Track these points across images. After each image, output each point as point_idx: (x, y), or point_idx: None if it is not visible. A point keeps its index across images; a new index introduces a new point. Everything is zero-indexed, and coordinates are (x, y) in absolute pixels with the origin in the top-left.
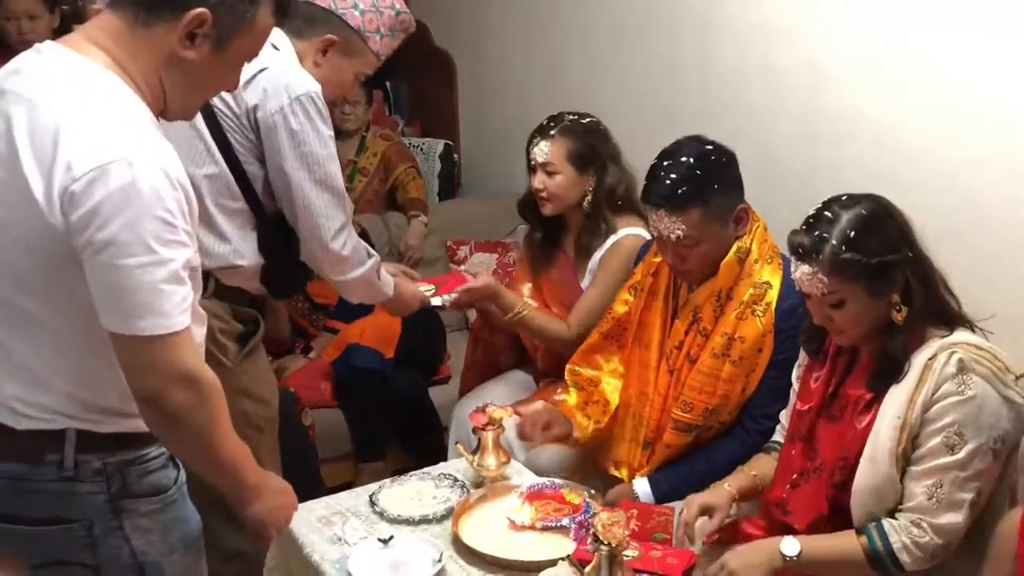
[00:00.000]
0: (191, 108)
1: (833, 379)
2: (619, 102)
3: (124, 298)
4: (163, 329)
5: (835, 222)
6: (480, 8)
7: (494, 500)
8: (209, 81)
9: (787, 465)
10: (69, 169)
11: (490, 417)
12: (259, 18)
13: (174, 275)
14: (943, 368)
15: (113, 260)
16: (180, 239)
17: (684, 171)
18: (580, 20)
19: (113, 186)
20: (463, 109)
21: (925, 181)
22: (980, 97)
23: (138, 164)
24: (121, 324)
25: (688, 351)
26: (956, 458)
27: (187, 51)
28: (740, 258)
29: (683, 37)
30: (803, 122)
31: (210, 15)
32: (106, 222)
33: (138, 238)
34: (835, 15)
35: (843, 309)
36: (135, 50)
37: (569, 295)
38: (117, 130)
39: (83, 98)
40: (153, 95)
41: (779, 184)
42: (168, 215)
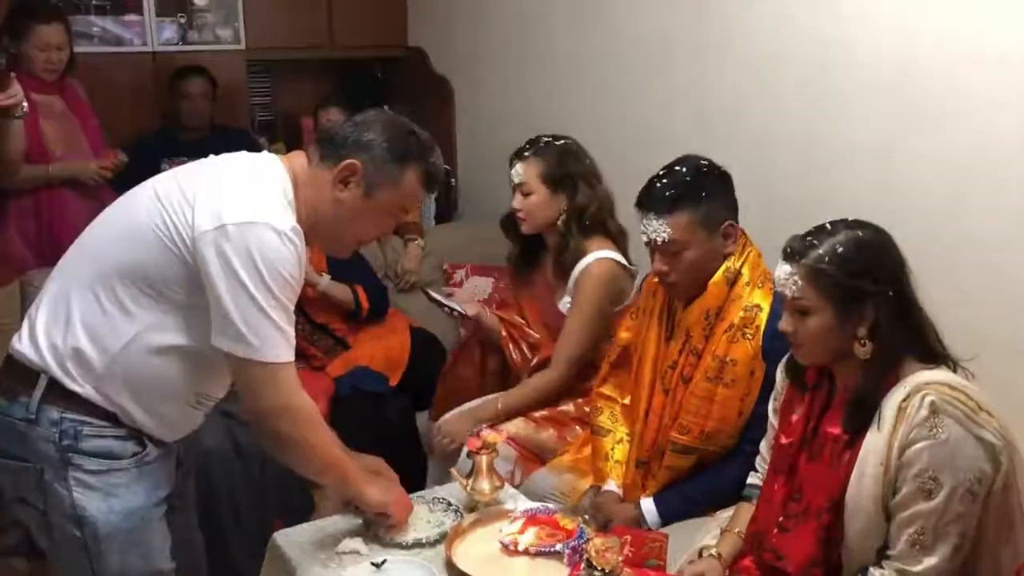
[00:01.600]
0: (339, 241)
1: (812, 415)
2: (615, 128)
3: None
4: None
5: (830, 236)
6: (478, 35)
7: (488, 525)
8: (357, 223)
9: (769, 498)
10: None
11: (484, 441)
12: (405, 181)
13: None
14: (916, 412)
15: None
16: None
17: (676, 179)
18: (576, 46)
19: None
20: (460, 133)
21: (920, 210)
22: (977, 128)
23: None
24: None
25: (682, 371)
26: (934, 504)
27: (340, 192)
28: (728, 279)
29: (679, 63)
30: (799, 149)
31: (360, 167)
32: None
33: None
34: (832, 42)
35: (807, 320)
36: (309, 182)
37: (547, 316)
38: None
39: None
40: (306, 221)
41: (774, 210)
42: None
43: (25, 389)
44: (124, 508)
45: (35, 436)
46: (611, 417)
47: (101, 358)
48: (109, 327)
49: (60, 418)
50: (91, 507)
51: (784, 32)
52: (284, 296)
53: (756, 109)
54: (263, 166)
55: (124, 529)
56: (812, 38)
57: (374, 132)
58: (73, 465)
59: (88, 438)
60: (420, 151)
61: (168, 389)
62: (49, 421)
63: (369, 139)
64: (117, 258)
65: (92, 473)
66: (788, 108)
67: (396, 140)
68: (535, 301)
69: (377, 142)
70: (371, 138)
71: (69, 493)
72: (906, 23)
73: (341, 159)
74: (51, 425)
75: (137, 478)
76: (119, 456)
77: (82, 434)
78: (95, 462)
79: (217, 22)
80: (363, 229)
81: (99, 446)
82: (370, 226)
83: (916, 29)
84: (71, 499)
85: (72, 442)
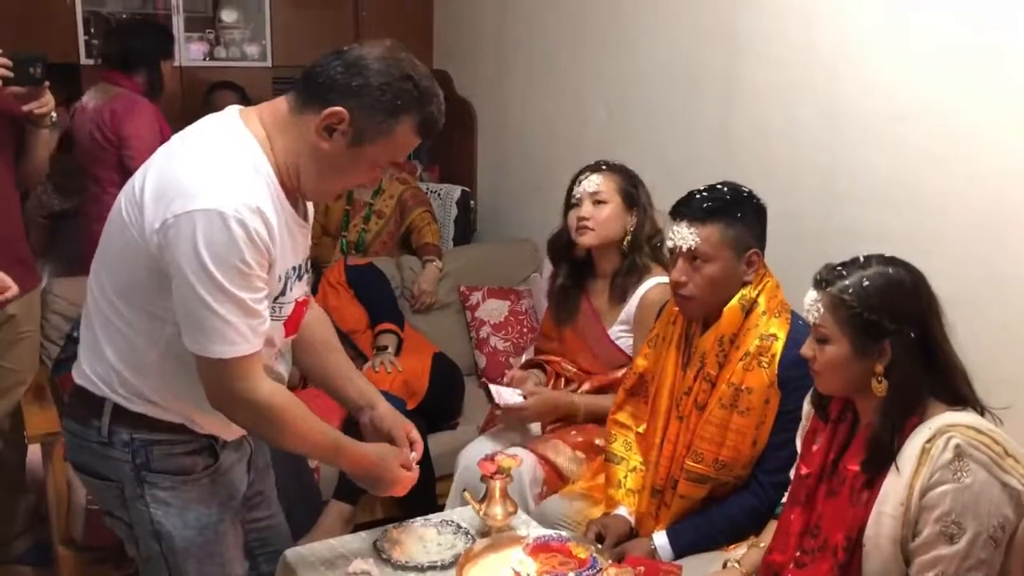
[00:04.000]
0: (324, 193)
1: (833, 449)
2: (638, 155)
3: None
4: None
5: (860, 269)
6: (501, 59)
7: (500, 551)
8: (340, 174)
9: (785, 529)
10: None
11: (499, 466)
12: (398, 132)
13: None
14: (940, 454)
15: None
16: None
17: (716, 195)
18: (600, 72)
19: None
20: (482, 156)
21: (947, 245)
22: (1005, 160)
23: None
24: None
25: (696, 397)
26: (956, 548)
27: (324, 142)
28: (744, 306)
29: (703, 91)
30: (823, 181)
31: (347, 115)
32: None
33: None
34: (855, 74)
35: (826, 348)
36: (286, 130)
37: (596, 344)
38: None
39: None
40: (287, 172)
41: (797, 242)
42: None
43: (95, 414)
44: (199, 522)
45: (111, 457)
46: (624, 445)
47: (141, 378)
48: (132, 348)
49: (131, 439)
50: (168, 522)
51: (809, 64)
52: (235, 286)
53: (780, 140)
54: (218, 134)
55: (200, 543)
56: (836, 69)
57: (365, 76)
58: (148, 483)
59: (160, 457)
60: (417, 99)
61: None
62: (122, 443)
63: (359, 84)
64: (113, 280)
65: (166, 490)
66: (813, 139)
67: (390, 87)
68: (578, 330)
69: (368, 88)
70: (361, 83)
71: (147, 509)
72: (925, 56)
73: (326, 105)
74: (124, 446)
75: (211, 490)
76: (191, 471)
77: (153, 453)
78: (168, 479)
79: (244, 39)
80: (348, 180)
81: (171, 464)
82: (355, 177)
83: (935, 62)
84: (149, 515)
85: (144, 461)
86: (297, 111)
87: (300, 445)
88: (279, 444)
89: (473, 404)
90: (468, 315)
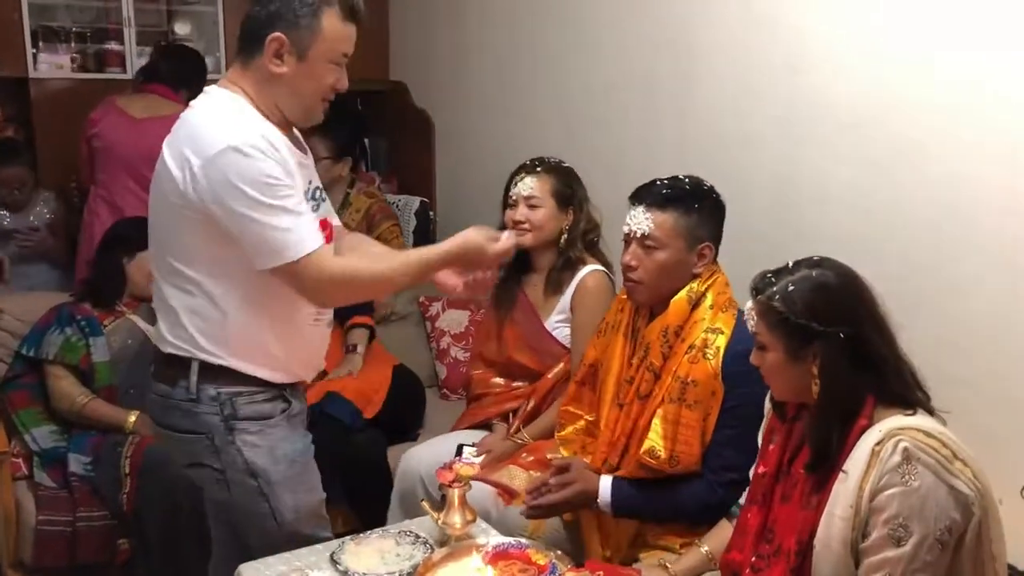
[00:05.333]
0: (308, 111)
1: (788, 450)
2: (594, 163)
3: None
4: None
5: (790, 274)
6: (459, 69)
7: (459, 559)
8: (310, 87)
9: (743, 528)
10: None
11: (457, 474)
12: (326, 26)
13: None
14: (889, 457)
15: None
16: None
17: (677, 184)
18: (557, 81)
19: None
20: (440, 167)
21: (897, 250)
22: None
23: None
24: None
25: (638, 387)
26: (903, 551)
27: (278, 68)
28: (691, 299)
29: (660, 100)
30: (776, 187)
31: (284, 35)
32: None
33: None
34: (810, 84)
35: (765, 354)
36: (251, 82)
37: (533, 338)
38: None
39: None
40: (271, 112)
41: (751, 248)
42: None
43: (183, 374)
44: (287, 457)
45: (200, 412)
46: (575, 431)
47: (218, 335)
48: (204, 310)
49: (217, 393)
50: (260, 460)
51: (764, 73)
52: (272, 197)
53: (736, 148)
54: (208, 102)
55: (291, 475)
56: (791, 79)
57: (276, 0)
58: (237, 430)
59: (244, 406)
60: None
61: (284, 318)
62: (209, 398)
63: (275, 8)
64: (175, 256)
65: (254, 433)
66: (765, 147)
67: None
68: (516, 325)
69: (284, 5)
70: (276, 7)
71: (240, 453)
72: (879, 66)
73: (263, 40)
74: (211, 401)
75: (289, 429)
76: (271, 415)
77: (238, 403)
78: (254, 424)
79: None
80: (317, 88)
81: (254, 411)
82: (321, 83)
83: (888, 72)
84: (243, 457)
85: (232, 411)
86: (248, 61)
87: (397, 285)
88: (382, 294)
89: (434, 416)
90: (428, 326)
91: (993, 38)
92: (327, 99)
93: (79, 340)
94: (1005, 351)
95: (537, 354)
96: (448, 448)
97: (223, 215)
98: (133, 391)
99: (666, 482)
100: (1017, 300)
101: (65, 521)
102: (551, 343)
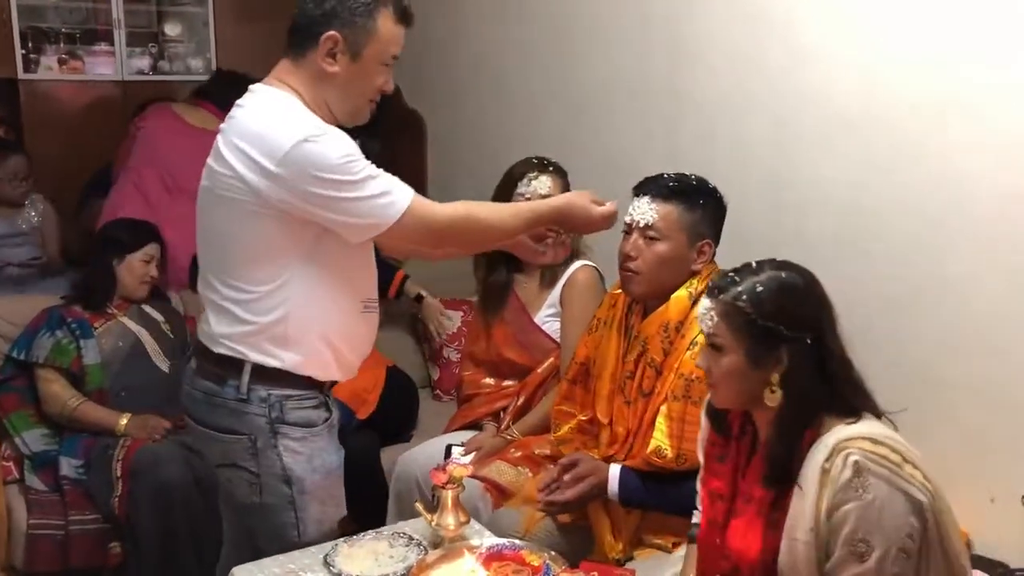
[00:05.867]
0: (355, 112)
1: (738, 467)
2: (588, 160)
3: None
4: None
5: (753, 274)
6: (450, 70)
7: (452, 561)
8: (359, 87)
9: (710, 545)
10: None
11: (450, 475)
12: (380, 27)
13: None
14: (840, 473)
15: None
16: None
17: (683, 179)
18: (549, 83)
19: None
20: (432, 167)
21: (890, 250)
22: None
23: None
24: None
25: (640, 384)
26: (867, 566)
27: (331, 67)
28: (691, 295)
29: (651, 102)
30: (768, 190)
31: (338, 34)
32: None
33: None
34: (802, 84)
35: (720, 357)
36: (301, 79)
37: (521, 334)
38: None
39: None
40: (323, 112)
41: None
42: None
43: (233, 374)
44: (324, 468)
45: (248, 412)
46: (571, 430)
47: (275, 333)
48: (261, 311)
49: (268, 395)
50: (298, 468)
51: (756, 73)
52: (354, 173)
53: (726, 150)
54: (262, 99)
55: (324, 485)
56: (783, 79)
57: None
58: (281, 434)
59: (292, 410)
60: None
61: (339, 308)
62: (259, 399)
63: (331, 6)
64: (231, 262)
65: (297, 440)
66: (760, 148)
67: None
68: (505, 323)
69: (339, 5)
70: (332, 5)
71: (279, 458)
72: (873, 65)
73: (318, 37)
74: (261, 402)
75: (328, 440)
76: (315, 423)
77: (287, 407)
78: (298, 430)
79: (188, 53)
80: (366, 89)
81: (300, 416)
82: (371, 84)
83: (883, 71)
84: (282, 463)
85: (279, 414)
86: (299, 58)
87: (508, 230)
88: (494, 240)
89: (428, 417)
90: (421, 327)
91: (990, 36)
92: (374, 100)
93: (70, 343)
94: (1003, 353)
95: (526, 349)
96: (442, 449)
97: (312, 206)
98: (124, 393)
99: (673, 475)
100: (1015, 301)
101: (57, 525)
102: (540, 337)
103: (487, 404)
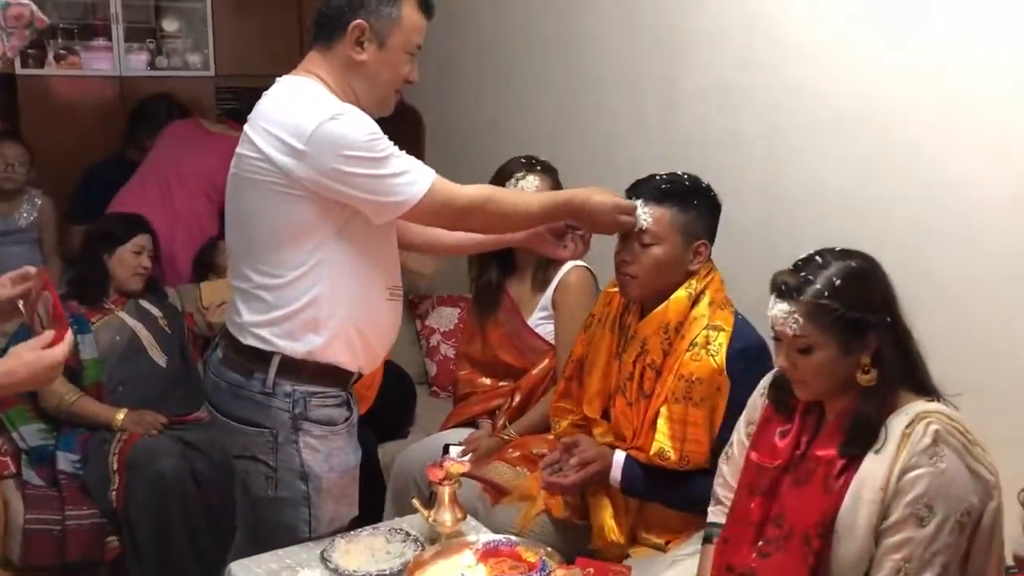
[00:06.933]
0: (381, 101)
1: (803, 439)
2: (582, 157)
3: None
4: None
5: (824, 268)
6: (447, 66)
7: (449, 557)
8: (385, 75)
9: (744, 518)
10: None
11: (447, 472)
12: (404, 15)
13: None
14: (920, 439)
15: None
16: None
17: (676, 180)
18: (545, 78)
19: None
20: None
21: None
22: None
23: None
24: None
25: (640, 385)
26: (925, 531)
27: (360, 55)
28: (691, 296)
29: (647, 98)
30: (764, 188)
31: (365, 23)
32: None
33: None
34: (796, 83)
35: (810, 357)
36: (329, 68)
37: (515, 337)
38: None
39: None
40: (350, 101)
41: (738, 250)
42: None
43: (260, 367)
44: (341, 467)
45: (272, 406)
46: (569, 427)
47: (308, 310)
48: (292, 297)
49: (293, 390)
50: (316, 466)
51: (751, 70)
52: (379, 151)
53: (721, 148)
54: (291, 87)
55: (340, 484)
56: (779, 76)
57: None
58: (302, 431)
59: (315, 407)
60: None
61: (365, 296)
62: (284, 393)
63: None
64: (263, 250)
65: (317, 437)
66: (753, 148)
67: None
68: (500, 326)
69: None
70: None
71: (298, 454)
72: (870, 64)
73: (346, 26)
74: (285, 397)
75: (347, 439)
76: (336, 421)
77: (310, 404)
78: (319, 428)
79: (187, 48)
80: (393, 78)
81: (323, 414)
82: (397, 73)
83: (880, 70)
84: (300, 459)
85: (303, 411)
86: (327, 49)
87: (533, 215)
88: (518, 222)
89: (424, 413)
90: (418, 323)
91: (985, 36)
92: (399, 90)
93: None
94: (1001, 354)
95: (521, 352)
96: (440, 447)
97: (338, 183)
98: (121, 388)
99: (681, 478)
100: (1012, 302)
101: (54, 519)
102: (535, 340)
103: (483, 402)
